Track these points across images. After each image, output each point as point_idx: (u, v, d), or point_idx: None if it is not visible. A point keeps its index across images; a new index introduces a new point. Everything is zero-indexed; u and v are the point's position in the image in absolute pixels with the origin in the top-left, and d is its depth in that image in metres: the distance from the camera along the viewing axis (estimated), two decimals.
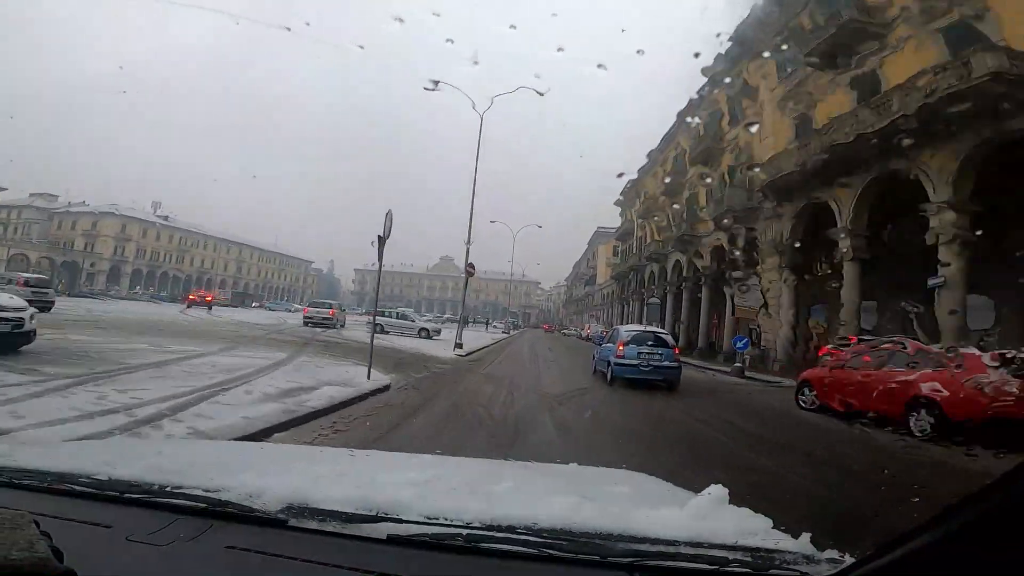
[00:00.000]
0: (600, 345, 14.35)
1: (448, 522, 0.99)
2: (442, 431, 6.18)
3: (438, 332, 26.65)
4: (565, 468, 1.86)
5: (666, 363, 11.50)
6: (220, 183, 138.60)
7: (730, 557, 0.92)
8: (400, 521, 0.98)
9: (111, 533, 0.93)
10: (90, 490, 1.07)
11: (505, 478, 1.49)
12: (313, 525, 0.98)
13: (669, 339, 12.32)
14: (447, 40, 16.12)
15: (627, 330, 12.61)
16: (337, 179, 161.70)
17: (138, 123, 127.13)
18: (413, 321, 27.26)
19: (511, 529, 0.97)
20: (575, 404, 8.98)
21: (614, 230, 60.41)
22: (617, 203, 48.57)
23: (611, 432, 7.15)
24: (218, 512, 1.00)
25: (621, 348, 11.53)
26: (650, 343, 11.60)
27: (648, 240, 37.88)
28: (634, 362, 11.31)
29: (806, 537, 0.99)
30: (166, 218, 77.86)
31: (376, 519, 0.98)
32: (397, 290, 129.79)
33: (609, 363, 11.87)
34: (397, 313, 27.65)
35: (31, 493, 1.06)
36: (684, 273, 30.24)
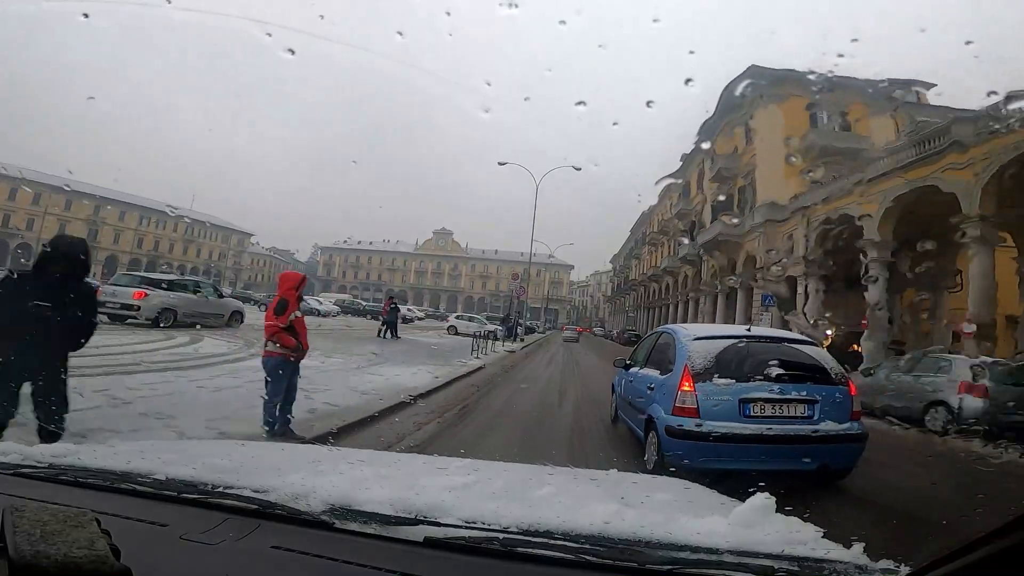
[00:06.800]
0: (630, 371, 6.09)
1: (486, 526, 0.98)
2: None
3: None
4: (606, 474, 1.81)
5: (825, 425, 4.24)
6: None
7: (776, 567, 0.90)
8: (438, 524, 0.98)
9: (166, 532, 0.93)
10: (149, 489, 1.08)
11: (545, 483, 1.46)
12: (355, 527, 0.98)
13: (826, 360, 4.64)
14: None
15: (702, 336, 4.83)
16: (318, 147, 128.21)
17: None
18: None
19: (549, 534, 0.97)
20: None
21: (790, 71, 24.64)
22: None
23: None
24: (266, 512, 1.01)
25: (688, 387, 4.35)
26: (780, 373, 4.28)
27: None
28: (729, 425, 4.16)
29: (859, 547, 0.96)
30: None
31: (415, 522, 0.98)
32: (375, 275, 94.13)
33: (654, 421, 4.62)
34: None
35: (94, 492, 1.07)
36: None
